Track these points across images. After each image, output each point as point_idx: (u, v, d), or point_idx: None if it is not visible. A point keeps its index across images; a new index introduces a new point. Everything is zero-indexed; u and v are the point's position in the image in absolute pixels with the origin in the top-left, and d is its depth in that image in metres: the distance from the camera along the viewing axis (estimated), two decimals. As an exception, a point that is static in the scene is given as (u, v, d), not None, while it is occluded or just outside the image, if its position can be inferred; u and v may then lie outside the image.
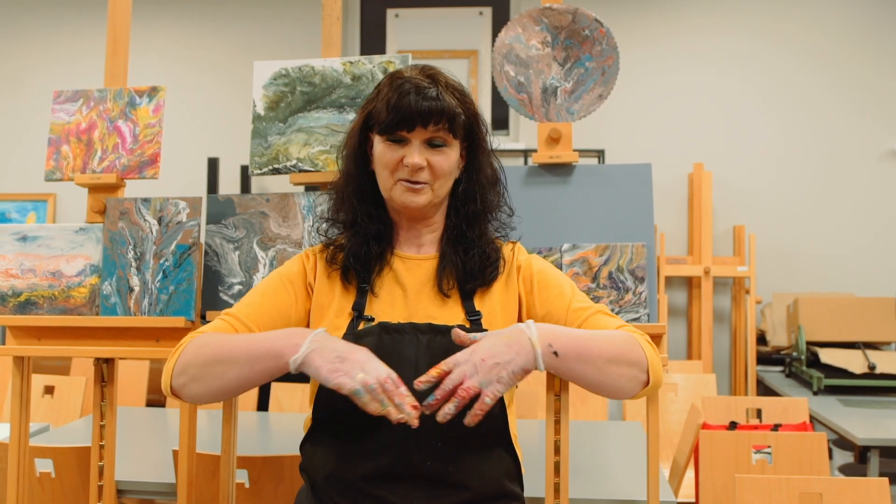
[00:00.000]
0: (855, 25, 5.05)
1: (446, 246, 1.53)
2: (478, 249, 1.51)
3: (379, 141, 1.48)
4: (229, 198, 1.95)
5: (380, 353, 1.34)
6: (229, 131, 5.24)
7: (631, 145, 5.12)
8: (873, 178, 5.01)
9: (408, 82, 1.45)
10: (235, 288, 1.91)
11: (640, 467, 2.34)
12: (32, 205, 5.44)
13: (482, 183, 1.54)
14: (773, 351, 4.77)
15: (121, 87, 2.09)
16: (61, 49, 5.52)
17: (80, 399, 3.30)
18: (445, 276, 1.51)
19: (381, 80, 1.56)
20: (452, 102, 1.45)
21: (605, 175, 1.93)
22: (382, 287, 1.51)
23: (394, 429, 1.31)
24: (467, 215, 1.53)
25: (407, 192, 1.46)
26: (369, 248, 1.51)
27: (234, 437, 1.94)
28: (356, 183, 1.54)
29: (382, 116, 1.45)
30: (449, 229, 1.55)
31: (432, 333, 1.43)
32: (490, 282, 1.52)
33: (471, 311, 1.49)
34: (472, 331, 1.41)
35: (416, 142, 1.45)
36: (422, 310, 1.49)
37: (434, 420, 1.29)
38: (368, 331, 1.44)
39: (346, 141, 1.58)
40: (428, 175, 1.46)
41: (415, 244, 1.56)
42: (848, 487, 1.83)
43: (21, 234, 1.99)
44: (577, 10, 1.97)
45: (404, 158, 1.45)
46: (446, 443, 1.38)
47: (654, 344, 1.49)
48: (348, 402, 1.29)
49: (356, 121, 1.56)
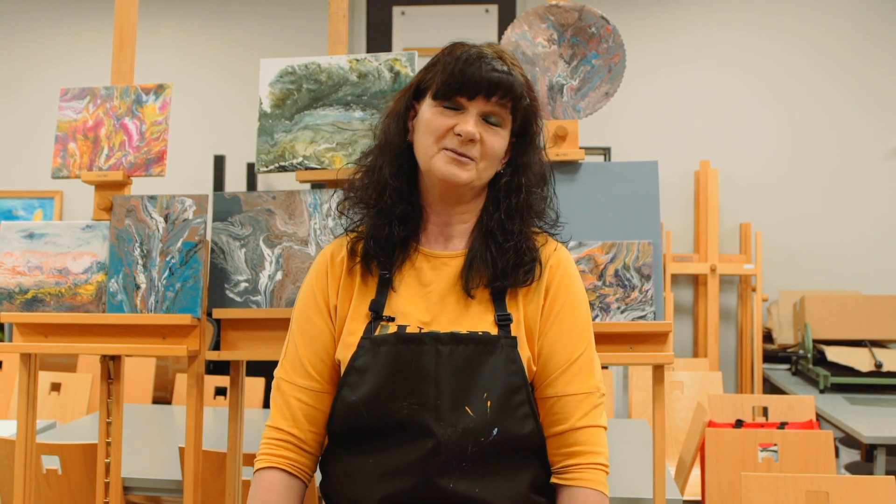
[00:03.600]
0: (862, 23, 5.03)
1: (478, 240, 1.39)
2: (513, 244, 1.36)
3: (430, 106, 1.35)
4: (235, 195, 1.95)
5: (397, 366, 1.29)
6: (235, 129, 5.25)
7: (637, 143, 5.11)
8: (880, 176, 5.00)
9: (475, 49, 1.34)
10: (242, 285, 1.91)
11: (646, 465, 2.33)
12: (39, 202, 5.45)
13: (529, 177, 1.41)
14: (780, 349, 4.76)
15: (127, 84, 2.09)
16: (68, 47, 5.53)
17: (86, 396, 3.31)
18: (474, 272, 1.37)
19: (436, 55, 1.40)
20: (521, 81, 1.35)
21: (612, 173, 1.93)
22: (403, 282, 1.39)
23: (416, 448, 1.27)
24: (509, 207, 1.39)
25: (451, 164, 1.32)
26: (392, 230, 1.37)
27: (240, 434, 1.95)
28: (392, 154, 1.40)
29: (441, 80, 1.33)
30: (484, 222, 1.40)
31: (454, 343, 1.31)
32: (522, 283, 1.37)
33: (501, 312, 1.36)
34: (501, 337, 1.33)
35: (472, 111, 1.32)
36: (445, 312, 1.36)
37: (459, 440, 1.26)
38: (385, 339, 1.33)
39: (387, 111, 1.46)
40: (477, 151, 1.33)
41: (443, 236, 1.42)
42: (854, 486, 1.83)
43: (28, 232, 2.00)
44: (583, 7, 1.97)
45: (456, 126, 1.32)
46: (473, 462, 1.29)
47: (661, 343, 1.48)
48: (366, 420, 1.28)
49: (404, 88, 1.44)
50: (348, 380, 1.33)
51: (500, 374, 1.31)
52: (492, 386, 1.30)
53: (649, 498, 1.98)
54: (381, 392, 1.30)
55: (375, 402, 1.30)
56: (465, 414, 1.28)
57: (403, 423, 1.29)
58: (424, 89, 1.38)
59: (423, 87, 1.38)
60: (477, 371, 1.30)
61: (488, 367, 1.31)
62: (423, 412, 1.28)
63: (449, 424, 1.27)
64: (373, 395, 1.30)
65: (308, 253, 1.88)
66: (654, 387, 1.83)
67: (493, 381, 1.30)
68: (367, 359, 1.33)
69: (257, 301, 1.90)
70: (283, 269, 1.89)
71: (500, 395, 1.30)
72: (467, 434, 1.27)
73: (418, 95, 1.40)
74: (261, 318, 1.88)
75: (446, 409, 1.27)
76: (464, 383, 1.29)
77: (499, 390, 1.30)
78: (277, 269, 1.89)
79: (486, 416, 1.28)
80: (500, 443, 1.29)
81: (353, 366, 1.33)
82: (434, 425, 1.27)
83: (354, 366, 1.33)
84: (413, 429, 1.28)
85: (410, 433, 1.28)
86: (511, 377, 1.32)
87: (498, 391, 1.30)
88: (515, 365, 1.32)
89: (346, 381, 1.34)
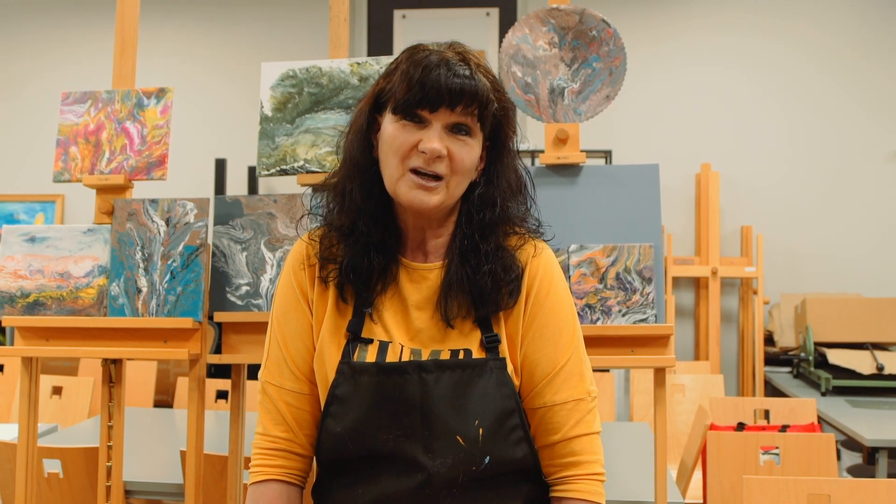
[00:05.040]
0: (863, 25, 5.03)
1: (452, 259, 1.29)
2: (491, 266, 1.26)
3: (391, 121, 1.24)
4: (237, 199, 1.95)
5: (379, 397, 1.23)
6: (237, 132, 5.25)
7: (638, 146, 5.11)
8: (881, 179, 5.00)
9: (435, 55, 1.23)
10: (243, 289, 1.91)
11: (647, 468, 2.33)
12: (41, 206, 5.46)
13: (503, 188, 1.31)
14: (781, 352, 4.76)
15: (129, 88, 2.09)
16: (69, 50, 5.54)
17: (87, 400, 3.31)
18: (451, 299, 1.27)
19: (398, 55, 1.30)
20: (487, 86, 1.24)
21: (613, 176, 1.93)
22: (384, 305, 1.30)
23: (406, 480, 1.22)
24: (482, 224, 1.29)
25: (416, 189, 1.22)
26: (370, 259, 1.28)
27: (241, 437, 1.95)
28: (361, 177, 1.29)
29: (400, 92, 1.22)
30: (458, 239, 1.30)
31: (439, 370, 1.23)
32: (509, 305, 1.29)
33: (488, 334, 1.27)
34: (489, 360, 1.26)
35: (436, 125, 1.22)
36: (426, 333, 1.28)
37: (449, 471, 1.21)
38: (364, 368, 1.24)
39: (349, 124, 1.35)
40: (446, 167, 1.23)
41: (420, 251, 1.33)
42: (856, 488, 1.82)
43: (29, 235, 2.00)
44: (584, 10, 1.97)
45: (420, 143, 1.21)
46: (464, 489, 1.23)
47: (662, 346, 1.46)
48: (352, 451, 1.24)
49: (364, 99, 1.33)
50: (331, 409, 1.27)
51: (492, 398, 1.24)
52: (483, 412, 1.23)
53: (651, 501, 1.98)
54: (365, 423, 1.24)
55: (360, 434, 1.24)
56: (456, 443, 1.22)
57: (390, 455, 1.23)
58: (385, 102, 1.27)
59: (384, 100, 1.27)
60: (466, 397, 1.23)
61: (478, 393, 1.24)
62: (410, 444, 1.22)
63: (438, 456, 1.21)
64: (356, 426, 1.24)
65: (309, 256, 1.88)
66: (656, 390, 1.82)
67: (485, 407, 1.23)
68: (347, 387, 1.26)
69: (258, 304, 1.90)
70: (285, 272, 1.89)
71: (493, 422, 1.24)
72: (458, 464, 1.22)
73: (380, 108, 1.29)
74: (262, 322, 1.87)
75: (435, 439, 1.21)
76: (453, 412, 1.22)
77: (490, 416, 1.24)
78: (279, 272, 1.89)
79: (477, 444, 1.22)
80: (492, 468, 1.24)
81: (335, 395, 1.27)
82: (422, 457, 1.22)
83: (336, 395, 1.27)
84: (401, 461, 1.23)
85: (399, 465, 1.23)
86: (504, 401, 1.25)
87: (490, 417, 1.23)
88: (507, 388, 1.26)
89: (330, 411, 1.27)
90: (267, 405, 1.34)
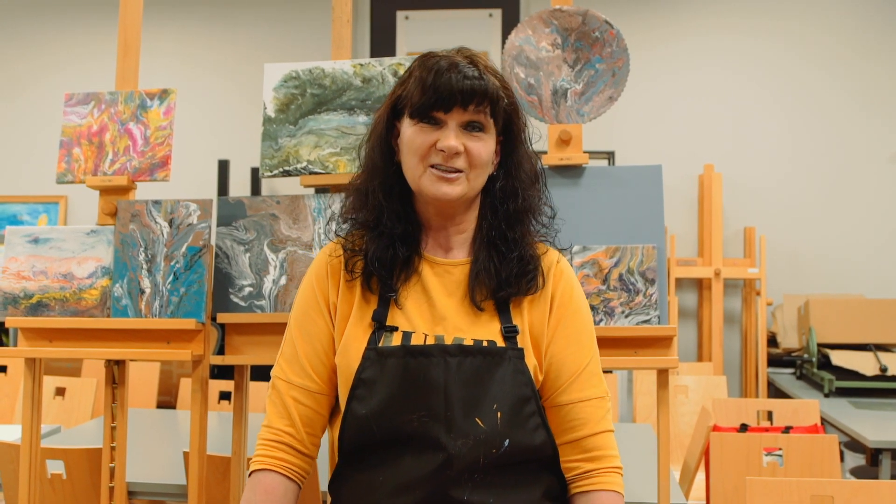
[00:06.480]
0: (865, 27, 5.03)
1: (480, 250, 1.38)
2: (517, 253, 1.36)
3: (409, 125, 1.34)
4: (240, 200, 1.96)
5: (405, 379, 1.28)
6: (240, 133, 5.26)
7: (641, 147, 5.11)
8: (884, 180, 4.99)
9: (444, 59, 1.32)
10: (246, 290, 1.91)
11: (650, 469, 2.33)
12: (44, 207, 5.46)
13: (522, 178, 1.40)
14: (784, 353, 4.75)
15: (132, 89, 2.09)
16: (72, 52, 5.54)
17: (91, 401, 3.32)
18: (479, 285, 1.36)
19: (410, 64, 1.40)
20: (496, 84, 1.33)
21: (616, 177, 1.93)
22: (408, 296, 1.37)
23: (428, 461, 1.26)
24: (507, 214, 1.38)
25: (439, 182, 1.32)
26: (395, 251, 1.36)
27: (244, 438, 1.95)
28: (382, 177, 1.39)
29: (416, 97, 1.31)
30: (484, 231, 1.39)
31: (462, 355, 1.30)
32: (526, 292, 1.37)
33: (507, 324, 1.35)
34: (508, 349, 1.33)
35: (451, 124, 1.31)
36: (450, 322, 1.35)
37: (470, 452, 1.26)
38: (391, 351, 1.31)
39: (370, 131, 1.44)
40: (464, 162, 1.32)
41: (442, 247, 1.41)
42: (860, 490, 1.82)
43: (33, 237, 2.00)
44: (587, 11, 1.97)
45: (438, 142, 1.31)
46: (485, 474, 1.28)
47: (665, 347, 1.48)
48: (376, 434, 1.27)
49: (382, 107, 1.41)
50: (357, 392, 1.31)
51: (510, 385, 1.31)
52: (501, 397, 1.30)
53: (654, 502, 1.98)
54: (391, 405, 1.29)
55: (385, 416, 1.29)
56: (476, 425, 1.27)
57: (414, 436, 1.28)
58: (402, 108, 1.37)
59: (401, 107, 1.37)
60: (486, 382, 1.30)
61: (497, 379, 1.30)
62: (434, 424, 1.27)
63: (460, 436, 1.26)
64: (382, 408, 1.29)
65: (312, 257, 1.88)
66: (659, 391, 1.82)
67: (503, 393, 1.30)
68: (373, 371, 1.31)
69: (261, 306, 1.90)
70: (288, 273, 1.89)
71: (510, 407, 1.30)
72: (478, 445, 1.27)
73: (398, 114, 1.38)
74: (265, 323, 1.88)
75: (456, 420, 1.26)
76: (473, 395, 1.29)
77: (508, 401, 1.30)
78: (282, 273, 1.90)
79: (496, 427, 1.28)
80: (511, 454, 1.29)
81: (361, 378, 1.31)
82: (444, 438, 1.26)
83: (362, 378, 1.31)
84: (424, 441, 1.27)
85: (421, 446, 1.27)
86: (520, 388, 1.31)
87: (507, 402, 1.30)
88: (524, 376, 1.32)
89: (355, 395, 1.31)
90: (274, 399, 1.40)
